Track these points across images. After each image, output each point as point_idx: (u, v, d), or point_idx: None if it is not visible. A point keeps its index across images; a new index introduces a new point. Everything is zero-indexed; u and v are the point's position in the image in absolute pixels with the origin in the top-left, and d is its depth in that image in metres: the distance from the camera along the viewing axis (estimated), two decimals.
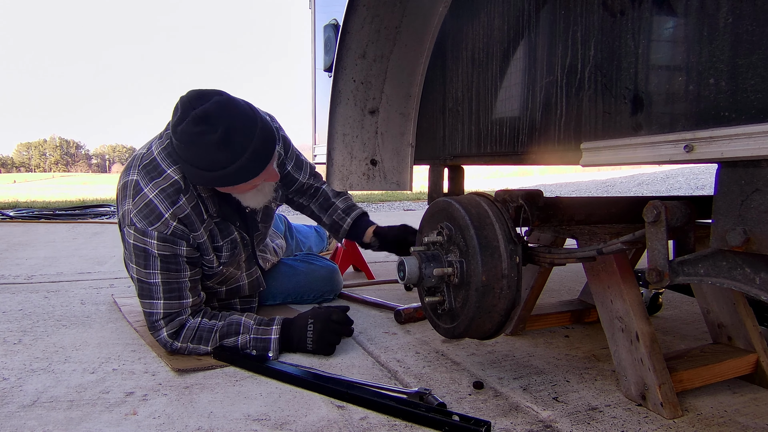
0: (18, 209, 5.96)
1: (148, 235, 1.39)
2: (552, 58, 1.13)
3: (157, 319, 1.42)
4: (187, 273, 1.45)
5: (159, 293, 1.41)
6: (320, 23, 2.71)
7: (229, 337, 1.43)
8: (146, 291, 1.42)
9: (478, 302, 1.10)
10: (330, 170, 1.63)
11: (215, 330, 1.44)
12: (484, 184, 14.71)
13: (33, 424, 1.06)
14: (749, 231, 0.78)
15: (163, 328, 1.42)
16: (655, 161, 0.92)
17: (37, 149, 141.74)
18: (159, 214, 1.39)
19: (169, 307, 1.42)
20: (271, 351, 1.41)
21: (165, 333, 1.42)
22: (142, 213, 1.39)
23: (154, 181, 1.42)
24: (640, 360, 1.14)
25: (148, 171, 1.43)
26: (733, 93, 0.79)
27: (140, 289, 1.43)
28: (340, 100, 1.57)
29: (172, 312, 1.42)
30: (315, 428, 1.05)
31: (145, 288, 1.42)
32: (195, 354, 1.44)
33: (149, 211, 1.39)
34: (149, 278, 1.41)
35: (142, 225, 1.39)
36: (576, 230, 1.28)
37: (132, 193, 1.42)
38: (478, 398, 1.20)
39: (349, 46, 1.49)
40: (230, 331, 1.44)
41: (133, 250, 1.41)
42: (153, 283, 1.41)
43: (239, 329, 1.44)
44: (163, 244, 1.40)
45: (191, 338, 1.43)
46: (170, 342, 1.42)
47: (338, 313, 1.49)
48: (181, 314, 1.44)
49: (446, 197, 1.25)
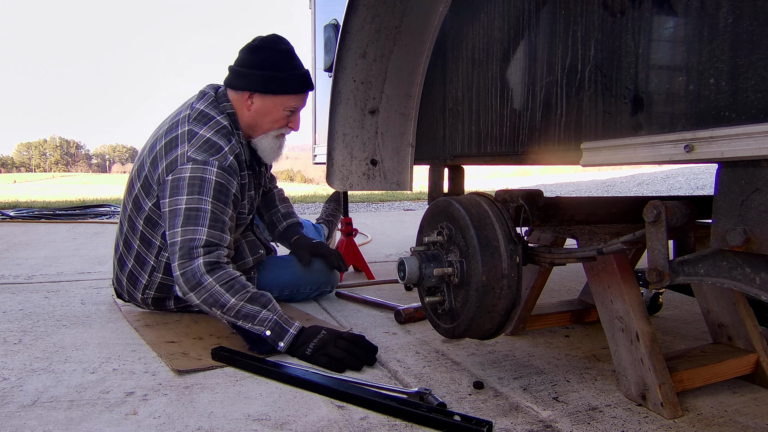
0: (18, 209, 5.96)
1: (209, 164, 1.51)
2: (552, 58, 1.13)
3: (197, 246, 1.44)
4: (229, 212, 1.53)
5: (206, 220, 1.47)
6: (320, 23, 2.71)
7: (256, 304, 1.42)
8: (192, 218, 1.47)
9: (479, 302, 1.10)
10: (330, 170, 1.63)
11: (248, 289, 1.45)
12: (484, 184, 14.71)
13: (33, 424, 1.06)
14: (749, 231, 0.78)
15: (200, 256, 1.44)
16: (655, 161, 0.92)
17: (37, 149, 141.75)
18: (219, 147, 1.55)
19: (211, 236, 1.46)
20: (283, 342, 1.40)
21: (201, 261, 1.43)
22: (202, 148, 1.53)
23: (208, 125, 1.58)
24: (641, 360, 1.14)
25: (199, 120, 1.59)
26: (733, 93, 0.79)
27: (186, 217, 1.47)
28: (341, 100, 1.58)
29: (213, 242, 1.47)
30: (315, 428, 1.05)
31: (191, 215, 1.47)
32: (215, 301, 1.41)
33: (209, 146, 1.54)
34: (200, 204, 1.48)
35: (202, 157, 1.51)
36: (576, 230, 1.28)
37: (187, 138, 1.56)
38: (478, 398, 1.20)
39: (349, 46, 1.49)
40: (260, 300, 1.43)
41: (187, 183, 1.49)
42: (202, 210, 1.48)
43: (267, 305, 1.43)
44: (221, 172, 1.52)
45: (224, 282, 1.43)
46: (201, 273, 1.43)
47: (353, 335, 1.43)
48: (220, 249, 1.48)
49: (446, 197, 1.25)
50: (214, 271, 1.44)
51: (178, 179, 1.50)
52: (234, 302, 1.42)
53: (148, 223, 1.65)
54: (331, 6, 2.68)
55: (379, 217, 5.53)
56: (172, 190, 1.51)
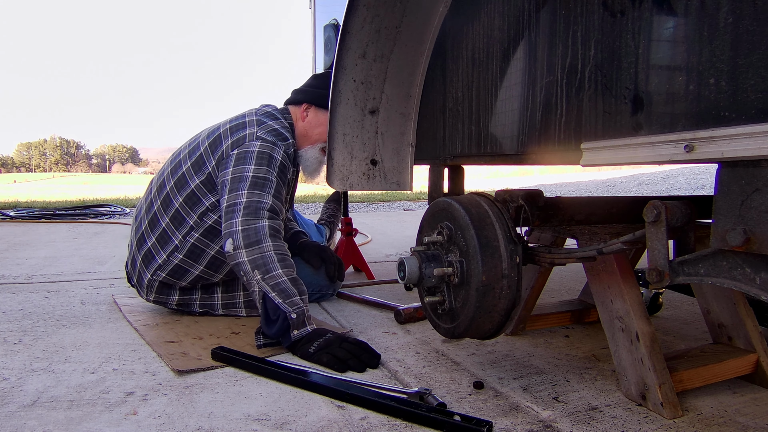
0: (18, 209, 5.96)
1: (278, 146, 1.63)
2: (552, 58, 1.13)
3: (264, 208, 1.51)
4: (283, 194, 1.64)
5: (272, 189, 1.56)
6: (320, 23, 2.71)
7: (296, 286, 1.46)
8: (260, 185, 1.55)
9: (479, 302, 1.10)
10: (330, 170, 1.63)
11: (294, 271, 1.49)
12: (484, 184, 14.71)
13: (33, 424, 1.06)
14: (749, 231, 0.78)
15: (266, 218, 1.50)
16: (655, 161, 0.92)
17: (37, 149, 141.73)
18: (285, 137, 1.69)
19: (276, 204, 1.56)
20: (297, 332, 1.42)
21: (267, 223, 1.50)
22: (272, 133, 1.66)
23: (275, 120, 1.73)
24: (641, 360, 1.14)
25: (267, 116, 1.74)
26: (733, 93, 0.78)
27: (252, 183, 1.54)
28: (341, 100, 1.57)
29: (276, 209, 1.55)
30: (315, 428, 1.05)
31: (259, 182, 1.55)
32: (263, 264, 1.45)
33: (277, 134, 1.67)
34: (268, 174, 1.58)
35: (272, 138, 1.64)
36: (576, 230, 1.28)
37: (256, 124, 1.68)
38: (478, 398, 1.20)
39: (349, 46, 1.49)
40: (300, 288, 1.48)
41: (256, 155, 1.59)
42: (270, 180, 1.57)
43: (303, 294, 1.47)
44: (285, 158, 1.65)
45: (280, 252, 1.48)
46: (265, 234, 1.48)
47: (357, 340, 1.43)
48: (277, 219, 1.54)
49: (446, 197, 1.25)
50: (275, 237, 1.50)
51: (246, 152, 1.60)
52: (279, 273, 1.45)
53: (189, 200, 1.68)
54: (331, 6, 2.68)
55: (379, 217, 5.53)
56: (238, 161, 1.59)
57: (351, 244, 2.56)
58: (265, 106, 1.83)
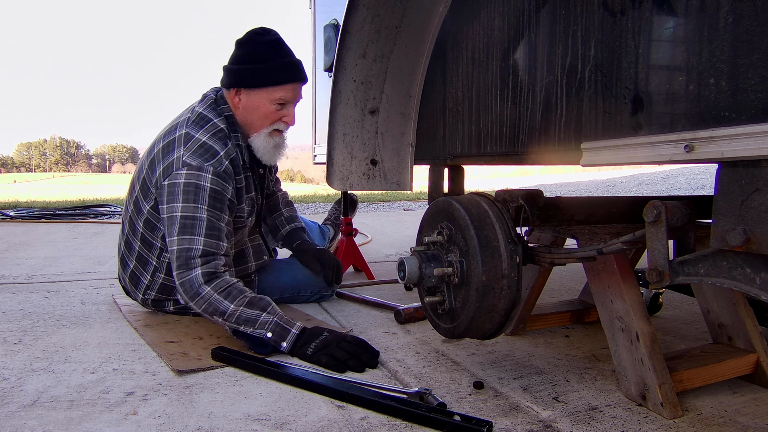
0: (18, 209, 5.96)
1: (204, 170, 1.50)
2: (552, 58, 1.13)
3: (194, 256, 1.44)
4: (226, 217, 1.53)
5: (202, 229, 1.47)
6: (320, 23, 2.71)
7: (255, 308, 1.43)
8: (188, 227, 1.46)
9: (479, 302, 1.10)
10: (330, 170, 1.63)
11: (245, 294, 1.45)
12: (484, 184, 14.71)
13: (33, 424, 1.06)
14: (749, 231, 0.78)
15: (198, 267, 1.44)
16: (655, 161, 0.92)
17: (37, 149, 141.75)
18: (215, 152, 1.53)
19: (208, 245, 1.46)
20: (286, 343, 1.40)
21: (199, 271, 1.44)
22: (197, 153, 1.52)
23: (204, 128, 1.57)
24: (641, 360, 1.14)
25: (197, 123, 1.59)
26: (733, 93, 0.78)
27: (181, 225, 1.47)
28: (341, 100, 1.57)
29: (210, 251, 1.46)
30: (315, 428, 1.05)
31: (188, 224, 1.47)
32: (214, 310, 1.42)
33: (204, 150, 1.53)
34: (196, 212, 1.47)
35: (197, 162, 1.50)
36: (576, 230, 1.28)
37: (183, 142, 1.55)
38: (478, 398, 1.20)
39: (349, 46, 1.49)
40: (259, 304, 1.44)
41: (182, 189, 1.48)
42: (199, 218, 1.47)
43: (267, 308, 1.44)
44: (216, 179, 1.51)
45: (221, 290, 1.44)
46: (200, 284, 1.43)
47: (355, 338, 1.44)
48: (217, 258, 1.48)
49: (446, 197, 1.25)
50: (211, 281, 1.45)
51: (174, 185, 1.50)
52: (233, 308, 1.42)
53: (148, 225, 1.65)
54: (331, 6, 2.68)
55: (379, 217, 5.52)
56: (169, 196, 1.51)
57: (351, 244, 2.56)
58: (203, 100, 1.67)
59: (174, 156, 1.53)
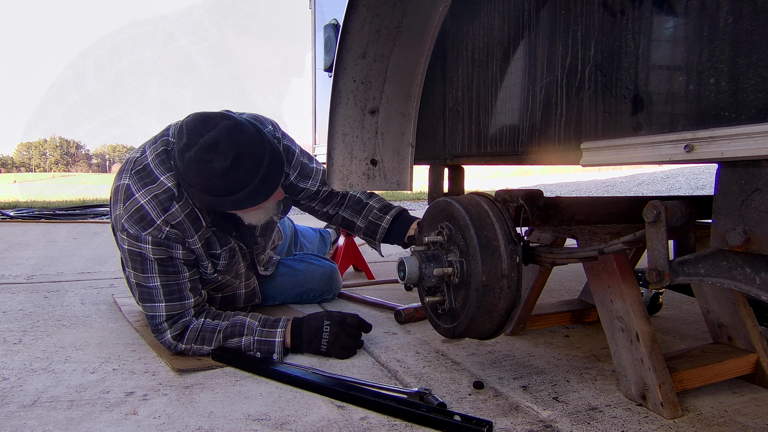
0: (18, 209, 5.96)
1: (142, 240, 1.37)
2: (552, 58, 1.13)
3: (160, 322, 1.41)
4: (185, 274, 1.44)
5: (159, 296, 1.41)
6: (320, 23, 2.71)
7: (233, 338, 1.42)
8: (146, 295, 1.42)
9: (479, 302, 1.10)
10: (330, 170, 1.63)
11: (218, 330, 1.43)
12: (484, 184, 14.71)
13: (33, 424, 1.06)
14: (749, 231, 0.78)
15: (167, 330, 1.41)
16: (655, 161, 0.92)
17: (37, 149, 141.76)
18: (150, 220, 1.37)
19: (171, 309, 1.41)
20: (276, 354, 1.40)
21: (169, 335, 1.41)
22: (133, 219, 1.37)
23: (147, 187, 1.39)
24: (641, 360, 1.14)
25: (141, 177, 1.41)
26: (733, 93, 0.78)
27: (140, 293, 1.43)
28: (340, 100, 1.57)
29: (174, 314, 1.42)
30: (315, 428, 1.05)
31: (144, 292, 1.42)
32: (199, 354, 1.43)
33: (140, 217, 1.37)
34: (148, 282, 1.40)
35: (134, 230, 1.37)
36: (576, 230, 1.28)
37: (123, 197, 1.40)
38: (478, 398, 1.20)
39: (349, 46, 1.49)
40: (234, 332, 1.43)
41: (129, 255, 1.40)
42: (152, 287, 1.40)
43: (243, 330, 1.42)
44: (157, 248, 1.39)
45: (195, 339, 1.42)
46: (174, 344, 1.42)
47: (353, 318, 1.47)
48: (184, 315, 1.43)
49: (446, 197, 1.25)
50: (182, 336, 1.42)
51: (121, 248, 1.42)
52: (215, 347, 1.42)
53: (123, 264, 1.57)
54: (331, 6, 2.68)
55: None
56: (122, 254, 1.45)
57: (351, 244, 2.56)
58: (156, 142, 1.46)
59: (117, 212, 1.41)
